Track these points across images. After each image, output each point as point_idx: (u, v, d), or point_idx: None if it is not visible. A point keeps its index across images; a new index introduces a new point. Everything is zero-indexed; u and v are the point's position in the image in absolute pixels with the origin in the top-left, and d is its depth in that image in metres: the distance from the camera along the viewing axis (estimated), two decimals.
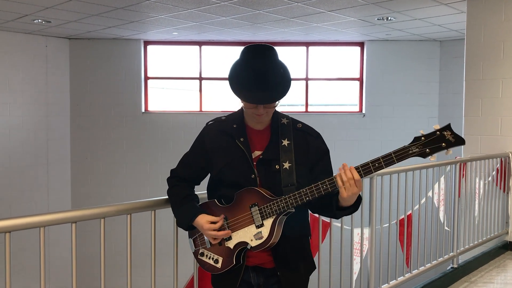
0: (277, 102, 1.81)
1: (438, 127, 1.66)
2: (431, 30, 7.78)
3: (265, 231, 1.79)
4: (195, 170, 1.99)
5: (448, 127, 1.65)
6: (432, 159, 1.70)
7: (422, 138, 1.67)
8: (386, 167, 1.69)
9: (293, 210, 1.78)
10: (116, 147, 8.99)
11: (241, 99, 1.81)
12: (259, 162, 1.85)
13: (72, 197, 8.99)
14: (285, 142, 1.86)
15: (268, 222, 1.78)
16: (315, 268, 2.08)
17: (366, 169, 1.70)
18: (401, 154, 1.67)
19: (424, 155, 1.66)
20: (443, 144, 1.64)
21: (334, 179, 1.72)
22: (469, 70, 5.24)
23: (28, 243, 4.89)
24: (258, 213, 1.79)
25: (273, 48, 1.84)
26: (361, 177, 1.71)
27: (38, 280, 1.86)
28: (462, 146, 5.25)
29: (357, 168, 1.71)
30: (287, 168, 1.82)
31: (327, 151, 1.95)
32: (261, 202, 1.79)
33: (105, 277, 2.09)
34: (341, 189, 1.71)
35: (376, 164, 1.69)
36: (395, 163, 1.69)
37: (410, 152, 1.66)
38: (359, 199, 1.82)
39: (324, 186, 1.72)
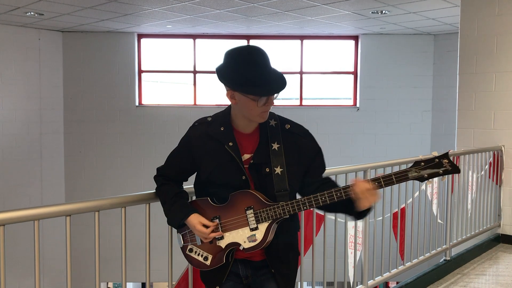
0: (275, 95, 1.81)
1: (436, 154, 1.79)
2: (425, 23, 7.79)
3: (259, 234, 1.80)
4: (181, 171, 1.98)
5: (446, 156, 1.77)
6: (429, 184, 1.89)
7: (422, 163, 1.77)
8: (385, 187, 1.78)
9: (288, 217, 1.80)
10: (110, 140, 8.96)
11: (256, 95, 1.75)
12: (250, 166, 1.85)
13: (66, 191, 8.97)
14: (275, 146, 1.85)
15: (263, 226, 1.80)
16: (299, 254, 2.10)
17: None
18: (401, 177, 1.76)
19: (421, 179, 1.78)
20: (440, 171, 1.76)
21: (341, 190, 1.77)
22: (463, 64, 5.25)
23: (22, 237, 4.88)
24: (253, 216, 1.80)
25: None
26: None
27: (33, 273, 1.86)
28: (456, 140, 5.29)
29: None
30: (279, 173, 1.83)
31: (319, 150, 1.94)
32: (257, 206, 1.80)
33: (99, 270, 2.10)
34: (363, 200, 1.76)
35: (376, 183, 1.76)
36: (395, 184, 1.79)
37: (410, 176, 1.77)
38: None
39: (339, 194, 1.76)
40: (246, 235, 1.81)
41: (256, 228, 1.80)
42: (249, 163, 1.85)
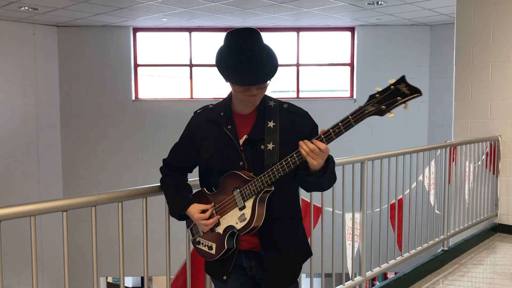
0: (268, 82, 1.80)
1: (393, 81, 1.61)
2: (421, 14, 7.77)
3: (247, 212, 1.80)
4: (185, 160, 2.00)
5: (402, 80, 1.61)
6: (391, 116, 1.65)
7: (377, 95, 1.63)
8: (345, 131, 1.65)
9: (273, 188, 1.78)
10: (107, 135, 8.94)
11: (231, 83, 1.80)
12: (245, 143, 1.86)
13: (63, 186, 8.96)
14: (271, 124, 1.86)
15: (249, 203, 1.80)
16: (311, 255, 2.09)
17: (327, 136, 1.68)
18: (358, 115, 1.64)
19: (381, 113, 1.63)
20: (398, 98, 1.61)
21: (300, 151, 1.71)
22: (459, 54, 5.24)
23: (22, 232, 4.87)
24: (239, 195, 1.81)
25: (257, 31, 1.81)
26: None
27: (30, 269, 1.85)
28: (453, 131, 5.29)
29: (319, 137, 1.69)
30: (271, 149, 1.83)
31: (315, 126, 1.94)
32: (242, 185, 1.81)
33: (97, 265, 2.10)
34: (308, 159, 1.69)
35: (336, 130, 1.66)
36: (354, 126, 1.66)
37: (366, 111, 1.63)
38: (330, 161, 1.78)
39: (293, 160, 1.71)
40: (237, 216, 1.83)
41: (244, 207, 1.81)
42: (244, 140, 1.86)
